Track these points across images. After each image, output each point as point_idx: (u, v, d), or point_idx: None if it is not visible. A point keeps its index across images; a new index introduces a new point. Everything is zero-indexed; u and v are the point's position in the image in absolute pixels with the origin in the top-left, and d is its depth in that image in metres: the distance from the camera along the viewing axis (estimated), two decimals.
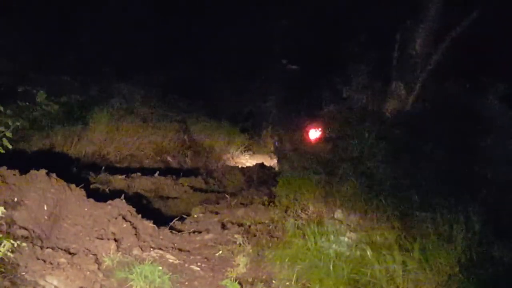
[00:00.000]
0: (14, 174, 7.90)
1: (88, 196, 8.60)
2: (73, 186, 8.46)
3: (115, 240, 7.61)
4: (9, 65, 14.03)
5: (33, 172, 8.05)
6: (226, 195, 11.83)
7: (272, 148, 18.24)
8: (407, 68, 12.68)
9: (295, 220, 8.61)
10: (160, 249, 7.84)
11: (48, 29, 16.28)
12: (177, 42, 19.45)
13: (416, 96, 12.54)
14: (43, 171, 8.12)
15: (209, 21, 20.06)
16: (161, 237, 8.42)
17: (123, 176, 12.32)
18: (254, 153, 18.73)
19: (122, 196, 9.17)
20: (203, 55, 19.50)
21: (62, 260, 6.81)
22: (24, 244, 6.27)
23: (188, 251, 8.15)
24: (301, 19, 18.47)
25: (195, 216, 10.20)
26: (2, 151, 7.06)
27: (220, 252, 8.11)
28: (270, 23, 19.65)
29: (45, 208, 7.62)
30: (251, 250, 7.89)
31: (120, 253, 7.24)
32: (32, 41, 15.42)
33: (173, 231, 8.80)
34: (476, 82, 11.52)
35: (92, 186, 10.96)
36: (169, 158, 15.63)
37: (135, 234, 8.04)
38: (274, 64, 20.07)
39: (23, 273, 6.24)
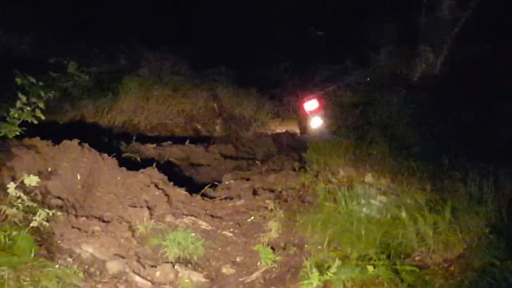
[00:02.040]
0: (47, 145, 7.99)
1: (120, 165, 8.71)
2: (105, 155, 8.55)
3: (148, 207, 7.69)
4: (40, 37, 14.11)
5: (65, 142, 8.14)
6: (257, 162, 11.87)
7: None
8: (435, 31, 12.50)
9: (326, 184, 8.61)
10: (192, 215, 7.92)
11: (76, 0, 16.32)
12: (205, 11, 19.37)
13: (443, 59, 12.38)
14: (75, 141, 8.20)
15: None
16: (193, 204, 8.50)
17: (154, 145, 12.41)
18: (283, 119, 18.64)
19: (154, 165, 9.27)
20: (231, 25, 19.41)
21: (97, 228, 6.91)
22: (59, 213, 6.39)
23: (220, 217, 8.22)
24: None
25: (227, 183, 10.27)
26: (36, 122, 7.15)
27: (252, 217, 8.17)
28: None
29: (78, 177, 7.72)
30: (282, 215, 7.92)
31: (153, 220, 7.32)
32: (61, 12, 15.45)
33: (205, 198, 8.88)
34: (504, 45, 11.33)
35: (123, 155, 11.05)
36: (199, 126, 15.67)
37: (168, 202, 8.12)
38: (301, 31, 19.93)
39: (59, 242, 6.34)
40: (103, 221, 7.21)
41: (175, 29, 18.53)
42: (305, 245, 6.99)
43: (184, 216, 7.83)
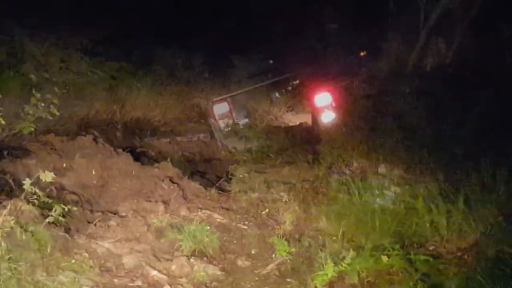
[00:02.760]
0: (62, 141, 8.07)
1: (135, 160, 8.75)
2: (119, 150, 8.61)
3: (163, 202, 7.73)
4: (53, 33, 14.16)
5: (80, 138, 8.21)
6: (271, 155, 11.85)
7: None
8: (447, 22, 12.47)
9: (340, 176, 8.62)
10: (207, 209, 7.94)
11: None
12: (217, 6, 19.39)
13: (456, 50, 12.35)
14: (90, 137, 8.27)
15: None
16: (208, 197, 8.52)
17: (168, 140, 12.44)
18: (296, 112, 18.60)
19: (168, 159, 9.29)
20: (243, 19, 19.41)
21: (112, 223, 6.95)
22: (74, 208, 6.42)
23: (235, 210, 8.24)
24: None
25: (241, 176, 10.27)
26: (50, 118, 7.20)
27: (267, 210, 8.19)
28: None
29: (93, 172, 7.78)
30: (297, 207, 7.93)
31: (168, 214, 7.34)
32: (74, 9, 15.50)
33: (220, 192, 8.90)
34: None
35: (138, 150, 11.09)
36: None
37: (182, 196, 8.16)
38: (314, 24, 19.89)
39: (75, 237, 6.39)
40: (119, 216, 7.25)
41: (188, 25, 18.58)
42: (320, 237, 7.00)
43: (199, 209, 7.85)
